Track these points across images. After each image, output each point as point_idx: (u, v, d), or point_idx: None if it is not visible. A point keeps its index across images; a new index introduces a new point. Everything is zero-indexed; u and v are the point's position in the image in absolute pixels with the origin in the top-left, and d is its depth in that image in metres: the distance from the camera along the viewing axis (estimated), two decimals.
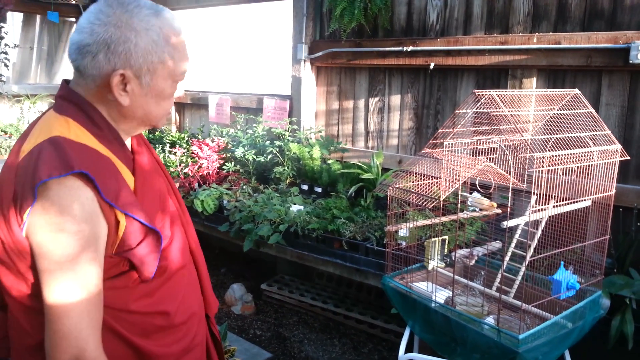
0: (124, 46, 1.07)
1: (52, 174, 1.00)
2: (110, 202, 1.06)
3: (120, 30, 1.07)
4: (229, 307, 3.69)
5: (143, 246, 1.13)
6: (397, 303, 2.17)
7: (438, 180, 2.00)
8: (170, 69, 1.14)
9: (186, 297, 1.27)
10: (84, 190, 1.03)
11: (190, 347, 1.27)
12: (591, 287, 2.01)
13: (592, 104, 2.57)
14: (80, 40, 1.08)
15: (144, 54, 1.09)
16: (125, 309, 1.14)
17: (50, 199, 1.01)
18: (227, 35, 4.94)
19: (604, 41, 2.69)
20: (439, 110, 3.45)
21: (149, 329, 1.18)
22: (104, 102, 1.14)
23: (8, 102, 5.94)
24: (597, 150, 1.85)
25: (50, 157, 1.03)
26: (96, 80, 1.11)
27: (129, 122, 1.18)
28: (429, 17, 3.39)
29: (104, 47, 1.07)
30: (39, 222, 1.01)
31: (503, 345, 1.73)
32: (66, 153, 1.03)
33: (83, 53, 1.08)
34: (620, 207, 2.62)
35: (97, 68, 1.09)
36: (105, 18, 1.07)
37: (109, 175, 1.09)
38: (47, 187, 1.01)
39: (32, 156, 1.05)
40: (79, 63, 1.10)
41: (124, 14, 1.08)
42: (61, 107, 1.14)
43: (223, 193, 3.69)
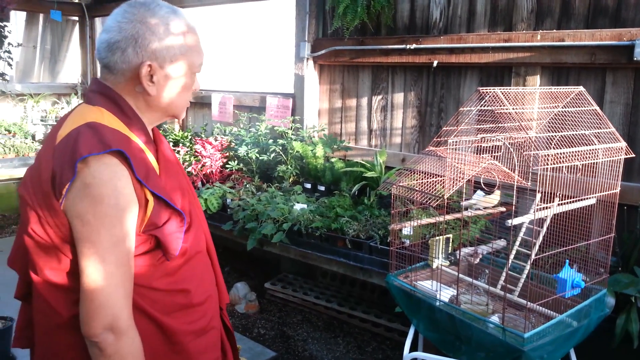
0: (150, 40, 1.18)
1: (92, 151, 1.08)
2: (142, 180, 1.14)
3: (146, 25, 1.18)
4: (232, 306, 3.69)
5: (168, 225, 1.20)
6: (401, 302, 2.17)
7: (442, 178, 2.00)
8: (190, 61, 1.25)
9: (203, 280, 1.34)
10: (120, 168, 1.12)
11: (207, 328, 1.34)
12: (596, 285, 2.00)
13: (597, 102, 2.56)
14: (110, 39, 1.19)
15: (167, 47, 1.20)
16: (149, 286, 1.21)
17: (90, 174, 1.09)
18: (229, 34, 4.94)
19: (608, 38, 2.68)
20: (442, 108, 3.44)
21: (171, 306, 1.25)
22: (131, 94, 1.24)
23: (12, 101, 5.96)
24: (602, 147, 1.84)
25: (88, 137, 1.11)
26: (126, 74, 1.21)
27: (154, 112, 1.28)
28: (432, 15, 3.38)
29: (132, 42, 1.18)
30: (79, 195, 1.09)
31: (508, 343, 1.72)
32: (103, 134, 1.12)
33: (113, 49, 1.19)
34: (625, 205, 2.61)
35: (126, 62, 1.19)
36: (131, 16, 1.19)
37: (140, 157, 1.18)
38: (86, 164, 1.09)
39: (70, 137, 1.13)
40: (109, 59, 1.21)
41: (147, 11, 1.20)
42: (94, 99, 1.23)
43: (226, 192, 3.69)
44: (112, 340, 1.12)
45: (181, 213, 1.23)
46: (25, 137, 5.63)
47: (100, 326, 1.10)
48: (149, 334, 1.21)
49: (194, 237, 1.31)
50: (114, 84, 1.24)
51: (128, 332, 1.14)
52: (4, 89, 5.66)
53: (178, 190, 1.28)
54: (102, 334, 1.11)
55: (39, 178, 1.15)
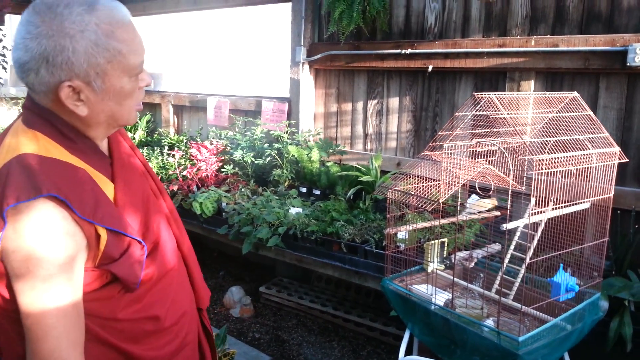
0: (62, 56, 0.99)
1: (21, 198, 0.97)
2: (86, 218, 1.02)
3: (53, 39, 0.98)
4: (227, 310, 3.68)
5: (126, 257, 1.10)
6: (396, 305, 2.17)
7: (437, 182, 2.01)
8: (122, 65, 1.05)
9: (176, 299, 1.26)
10: (56, 210, 0.99)
11: (181, 346, 1.27)
12: (590, 289, 2.01)
13: (590, 107, 2.58)
14: (19, 58, 1.02)
15: (87, 58, 1.01)
16: (113, 318, 1.12)
17: (21, 221, 0.97)
18: (225, 38, 4.94)
19: (602, 44, 2.70)
20: (437, 112, 3.46)
21: (139, 334, 1.17)
22: (65, 112, 1.07)
23: (6, 105, 5.93)
24: (596, 152, 1.85)
25: (17, 179, 0.98)
26: (48, 95, 1.05)
27: (95, 129, 1.12)
28: (427, 20, 3.40)
29: (42, 62, 0.99)
30: (11, 247, 0.98)
31: (503, 347, 1.73)
32: (34, 174, 0.99)
33: (25, 71, 1.02)
34: (619, 209, 2.63)
35: (43, 84, 1.02)
36: (35, 30, 0.99)
37: (84, 189, 1.05)
38: (17, 211, 0.97)
39: (0, 177, 1.00)
40: (26, 81, 1.04)
41: (54, 20, 0.99)
42: (28, 120, 1.08)
43: (222, 196, 3.69)
44: None
45: (140, 242, 1.13)
46: None
47: None
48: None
49: (162, 257, 1.22)
50: (44, 103, 1.07)
51: None
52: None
53: (140, 209, 1.17)
54: None
55: None
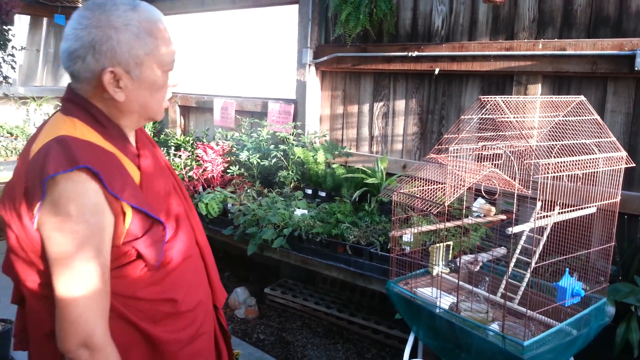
0: (107, 44, 1.12)
1: (59, 170, 1.06)
2: (115, 194, 1.11)
3: (102, 30, 1.12)
4: (232, 311, 3.69)
5: (148, 236, 1.18)
6: (401, 308, 2.17)
7: (443, 185, 2.00)
8: (157, 59, 1.19)
9: (192, 287, 1.32)
10: (90, 183, 1.09)
11: (197, 334, 1.32)
12: (596, 294, 2.00)
13: (597, 111, 2.57)
14: (68, 47, 1.14)
15: (128, 49, 1.14)
16: (133, 296, 1.19)
17: (58, 193, 1.07)
18: (232, 39, 4.96)
19: (610, 48, 2.69)
20: (443, 115, 3.45)
21: (157, 315, 1.23)
22: (102, 101, 1.19)
23: (14, 104, 5.97)
24: (603, 157, 1.85)
25: (57, 154, 1.09)
26: (91, 82, 1.16)
27: (128, 117, 1.23)
28: (434, 23, 3.40)
29: (90, 49, 1.12)
30: (49, 215, 1.08)
31: (508, 352, 1.72)
32: (72, 150, 1.09)
33: (73, 59, 1.14)
34: (626, 214, 2.62)
35: (88, 70, 1.14)
36: (86, 22, 1.12)
37: (114, 169, 1.14)
38: (55, 182, 1.07)
39: (40, 154, 1.11)
40: (72, 69, 1.16)
41: (102, 14, 1.13)
42: (67, 109, 1.20)
43: (227, 196, 3.70)
44: (87, 356, 1.11)
45: (162, 222, 1.21)
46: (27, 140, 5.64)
47: (74, 343, 1.10)
48: (136, 343, 1.21)
49: (182, 243, 1.29)
50: (83, 92, 1.19)
51: (104, 348, 1.12)
52: (7, 92, 5.68)
53: (162, 197, 1.25)
54: (77, 350, 1.10)
55: (14, 195, 1.15)
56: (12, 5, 4.50)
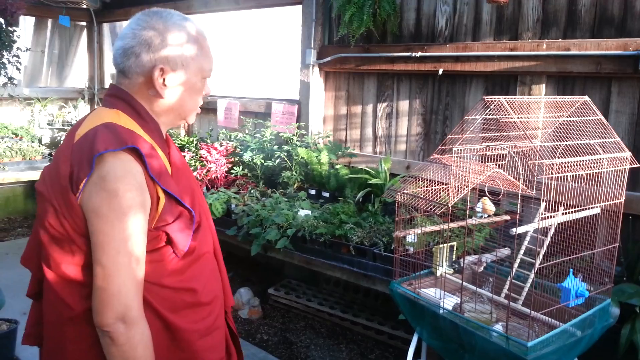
0: (162, 45, 1.25)
1: (109, 147, 1.14)
2: (154, 178, 1.20)
3: (158, 31, 1.25)
4: (236, 311, 3.69)
5: (178, 223, 1.25)
6: (405, 309, 2.16)
7: (447, 186, 2.00)
8: (199, 66, 1.32)
9: (210, 280, 1.38)
10: (135, 164, 1.17)
11: (213, 327, 1.37)
12: (600, 295, 2.00)
13: (602, 111, 2.56)
14: (125, 44, 1.26)
15: (179, 52, 1.27)
16: (158, 283, 1.24)
17: (107, 169, 1.14)
18: (236, 40, 4.97)
19: (614, 48, 2.68)
20: (447, 116, 3.45)
21: (178, 304, 1.28)
22: (145, 97, 1.30)
23: (19, 105, 6.00)
24: (607, 157, 1.84)
25: (105, 135, 1.17)
26: (139, 78, 1.27)
27: (167, 115, 1.34)
28: (438, 23, 3.39)
29: (145, 47, 1.25)
30: (95, 190, 1.14)
31: (512, 352, 1.72)
32: (120, 133, 1.19)
33: (128, 55, 1.25)
34: (630, 214, 2.61)
35: (140, 66, 1.26)
36: (144, 23, 1.26)
37: (153, 156, 1.23)
38: (103, 159, 1.14)
39: (88, 136, 1.19)
40: (124, 65, 1.27)
41: (160, 19, 1.27)
42: (111, 102, 1.30)
43: (231, 197, 3.70)
44: (123, 330, 1.15)
45: (191, 211, 1.28)
46: (32, 141, 5.67)
47: (112, 316, 1.14)
48: (156, 331, 1.24)
49: (202, 237, 1.35)
50: (129, 88, 1.29)
51: (139, 322, 1.18)
52: (12, 92, 5.70)
53: (188, 192, 1.33)
54: (114, 324, 1.15)
55: (57, 174, 1.20)
56: (17, 6, 4.52)
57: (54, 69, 6.71)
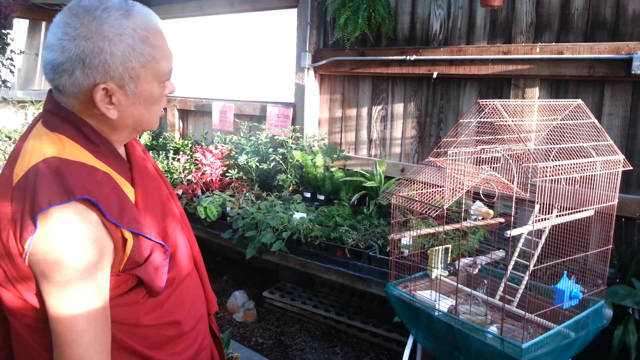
0: (99, 58, 1.00)
1: (53, 202, 0.96)
2: (115, 222, 1.03)
3: (92, 41, 1.00)
4: (230, 315, 3.69)
5: (150, 261, 1.11)
6: (400, 311, 2.17)
7: (441, 188, 2.01)
8: (154, 71, 1.08)
9: (194, 303, 1.28)
10: (87, 214, 1.00)
11: (198, 351, 1.29)
12: (594, 296, 2.01)
13: (595, 114, 2.58)
14: (53, 60, 1.01)
15: (123, 62, 1.02)
16: (136, 324, 1.13)
17: (52, 227, 0.97)
18: (231, 43, 4.97)
19: (607, 52, 2.71)
20: (441, 119, 3.46)
21: (161, 340, 1.18)
22: (91, 116, 1.08)
23: (13, 108, 5.97)
24: (600, 160, 1.86)
25: (48, 182, 0.98)
26: (79, 98, 1.05)
27: (120, 133, 1.13)
28: (432, 27, 3.41)
29: (79, 63, 1.00)
30: (41, 251, 0.97)
31: (506, 354, 1.73)
32: (65, 177, 0.99)
33: (59, 72, 1.02)
34: (623, 217, 2.63)
35: (76, 86, 1.03)
36: (73, 31, 1.00)
37: (111, 193, 1.05)
38: (48, 215, 0.96)
39: (28, 180, 0.99)
40: (57, 82, 1.04)
41: (92, 22, 1.00)
42: (52, 123, 1.08)
43: (226, 200, 3.70)
44: None
45: (163, 245, 1.14)
46: None
47: None
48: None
49: (181, 262, 1.23)
50: (70, 106, 1.07)
51: None
52: (6, 95, 5.68)
53: (159, 214, 1.18)
54: None
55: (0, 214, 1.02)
56: (11, 9, 4.51)
57: None
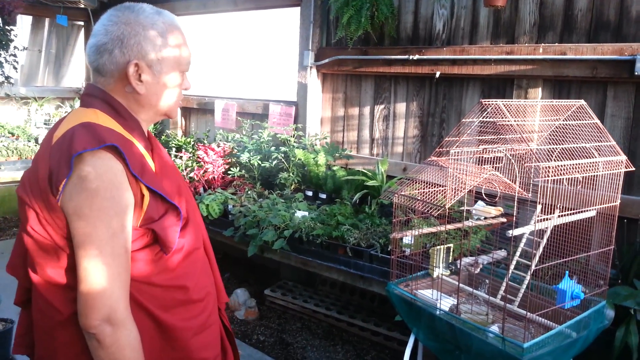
0: (135, 39, 1.22)
1: (87, 147, 1.11)
2: (137, 175, 1.17)
3: (130, 26, 1.22)
4: (232, 312, 3.70)
5: (165, 219, 1.22)
6: (401, 310, 2.17)
7: (443, 188, 2.02)
8: (176, 59, 1.28)
9: (202, 277, 1.36)
10: (115, 162, 1.14)
11: (207, 324, 1.35)
12: (595, 297, 2.01)
13: (598, 115, 2.58)
14: (97, 42, 1.23)
15: (153, 46, 1.24)
16: (148, 282, 1.22)
17: (86, 169, 1.11)
18: (234, 41, 4.98)
19: (610, 53, 2.71)
20: (444, 118, 3.46)
21: (170, 302, 1.26)
22: (123, 95, 1.27)
23: (16, 104, 5.99)
24: (602, 161, 1.86)
25: (83, 134, 1.14)
26: (114, 75, 1.24)
27: (146, 111, 1.31)
28: (435, 26, 3.41)
29: (118, 42, 1.22)
30: (75, 189, 1.11)
31: (507, 353, 1.73)
32: (98, 131, 1.16)
33: (101, 52, 1.23)
34: (625, 218, 2.63)
35: (114, 63, 1.23)
36: (116, 19, 1.23)
37: (134, 154, 1.20)
38: (82, 159, 1.11)
39: (65, 137, 1.16)
40: (98, 62, 1.24)
41: (132, 13, 1.24)
42: (88, 102, 1.27)
43: (228, 198, 3.71)
44: (110, 331, 1.13)
45: (177, 208, 1.25)
46: (29, 140, 5.66)
47: (97, 317, 1.12)
48: (148, 329, 1.22)
49: (191, 234, 1.32)
50: (106, 85, 1.27)
51: (125, 323, 1.15)
52: (9, 92, 5.69)
53: (175, 189, 1.30)
54: (100, 326, 1.12)
55: (37, 177, 1.18)
56: (14, 5, 4.52)
57: (51, 68, 6.70)
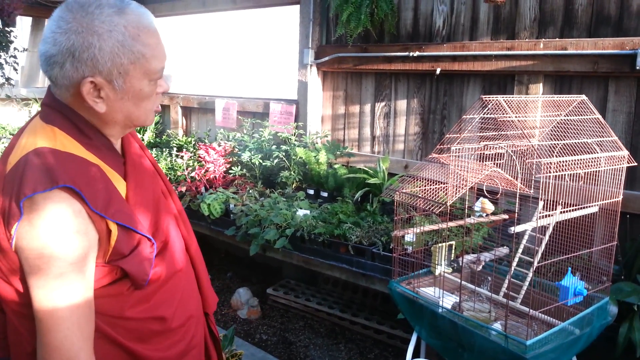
0: (88, 52, 1.03)
1: (37, 189, 0.99)
2: (99, 212, 1.04)
3: (82, 36, 1.02)
4: (235, 312, 3.70)
5: (135, 254, 1.11)
6: (404, 308, 2.17)
7: (445, 185, 2.01)
8: (144, 68, 1.09)
9: (183, 301, 1.26)
10: (71, 202, 1.01)
11: (187, 349, 1.27)
12: (598, 293, 2.01)
13: (599, 110, 2.57)
14: (46, 51, 1.05)
15: (111, 57, 1.04)
16: (120, 316, 1.13)
17: (37, 214, 0.99)
18: (233, 40, 4.97)
19: (611, 47, 2.69)
20: (445, 115, 3.45)
21: (146, 334, 1.18)
22: (83, 109, 1.11)
23: (16, 106, 5.99)
24: (604, 156, 1.85)
25: (34, 171, 1.01)
26: (69, 90, 1.08)
27: (112, 127, 1.15)
28: (435, 23, 3.40)
29: (68, 56, 1.03)
30: (26, 237, 1.00)
31: (510, 351, 1.73)
32: (51, 166, 1.02)
33: (51, 64, 1.05)
34: (628, 213, 2.62)
35: (66, 78, 1.06)
36: (65, 25, 1.03)
37: (98, 184, 1.07)
38: (33, 202, 0.99)
39: (17, 169, 1.03)
40: (50, 74, 1.08)
41: (84, 17, 1.03)
42: (47, 115, 1.11)
43: (229, 197, 3.71)
44: None
45: (150, 239, 1.14)
46: None
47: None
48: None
49: (170, 258, 1.22)
50: (64, 98, 1.11)
51: None
52: (10, 93, 5.69)
53: (150, 209, 1.19)
54: None
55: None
56: (14, 6, 4.51)
57: None
